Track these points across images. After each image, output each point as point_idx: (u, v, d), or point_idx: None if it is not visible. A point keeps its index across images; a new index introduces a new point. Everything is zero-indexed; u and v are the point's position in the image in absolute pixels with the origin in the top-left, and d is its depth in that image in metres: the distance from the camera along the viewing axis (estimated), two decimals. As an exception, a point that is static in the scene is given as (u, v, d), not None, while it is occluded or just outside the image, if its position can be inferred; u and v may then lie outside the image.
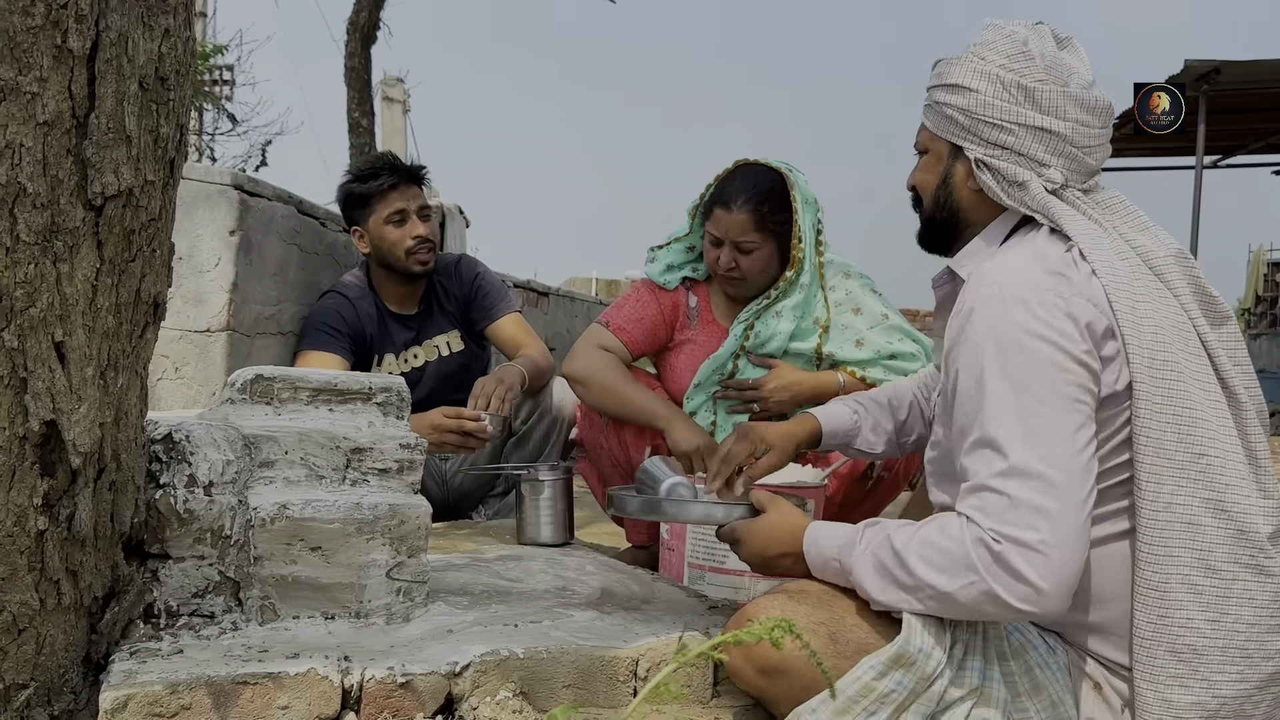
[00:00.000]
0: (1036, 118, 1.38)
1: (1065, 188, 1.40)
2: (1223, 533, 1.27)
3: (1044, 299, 1.27)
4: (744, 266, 2.31)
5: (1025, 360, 1.25)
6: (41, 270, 1.19)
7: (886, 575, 1.29)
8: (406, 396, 1.72)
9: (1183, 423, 1.28)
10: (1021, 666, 1.34)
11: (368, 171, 2.82)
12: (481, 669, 1.44)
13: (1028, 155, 1.39)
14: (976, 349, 1.29)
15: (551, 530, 2.35)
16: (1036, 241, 1.37)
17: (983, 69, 1.40)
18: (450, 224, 7.05)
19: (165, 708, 1.29)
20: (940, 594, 1.24)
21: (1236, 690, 1.27)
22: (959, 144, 1.44)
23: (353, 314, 2.81)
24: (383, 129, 10.43)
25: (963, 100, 1.41)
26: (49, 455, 1.25)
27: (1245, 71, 9.26)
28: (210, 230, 2.64)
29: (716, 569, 2.06)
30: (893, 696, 1.26)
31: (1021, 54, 1.39)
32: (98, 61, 1.20)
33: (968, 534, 1.23)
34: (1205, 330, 1.35)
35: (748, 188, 2.28)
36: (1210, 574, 1.27)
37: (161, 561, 1.49)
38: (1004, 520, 1.21)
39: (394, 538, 1.59)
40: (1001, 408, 1.25)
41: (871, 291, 2.43)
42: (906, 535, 1.28)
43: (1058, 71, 1.39)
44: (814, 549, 1.40)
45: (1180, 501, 1.27)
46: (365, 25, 7.42)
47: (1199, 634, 1.26)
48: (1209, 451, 1.28)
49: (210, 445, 1.52)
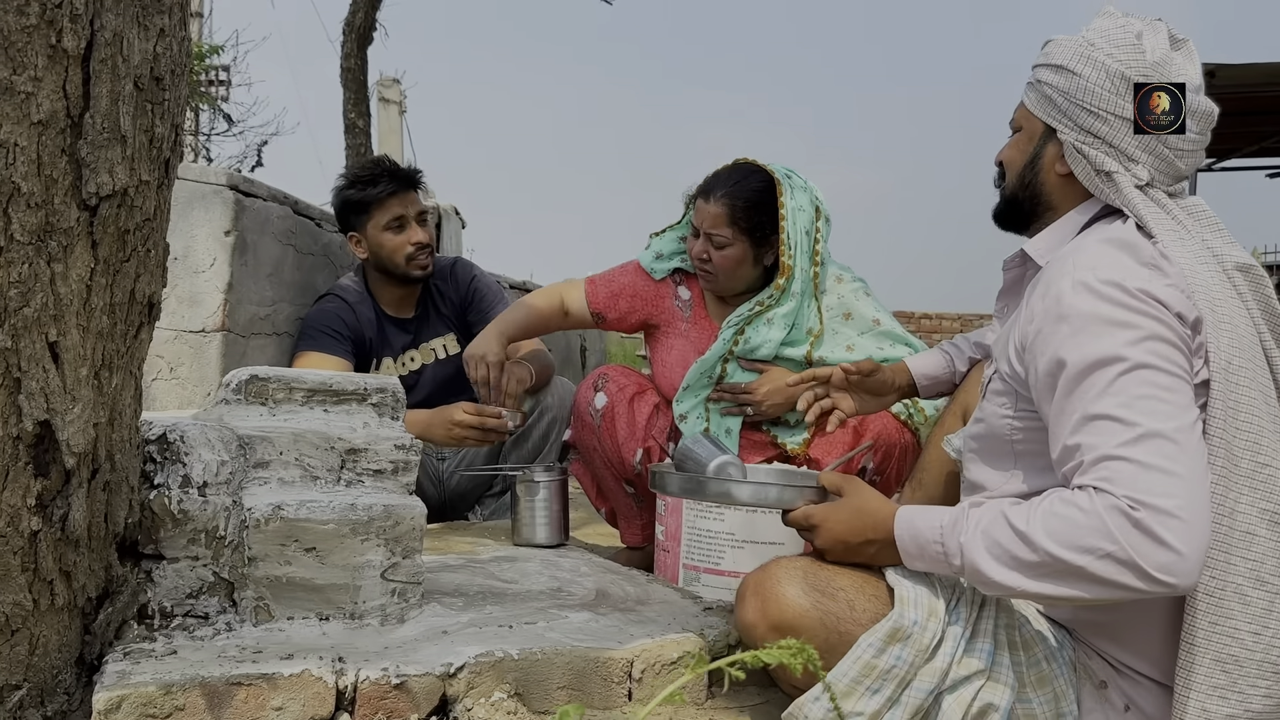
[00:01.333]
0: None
1: (1150, 186, 1.39)
2: (1275, 545, 1.26)
3: (1140, 284, 1.26)
4: (715, 261, 2.30)
5: (1130, 339, 1.23)
6: (36, 270, 1.19)
7: (1005, 555, 1.23)
8: (401, 397, 1.72)
9: (1251, 430, 1.27)
10: (1031, 658, 1.35)
11: (365, 177, 2.80)
12: (476, 670, 1.44)
13: (1118, 148, 1.38)
14: (1076, 332, 1.26)
15: (547, 531, 2.35)
16: (1122, 232, 1.35)
17: (1090, 54, 1.39)
18: (446, 225, 7.05)
19: (159, 709, 1.29)
20: (1072, 569, 1.19)
21: (1264, 705, 1.26)
22: (1053, 125, 1.43)
23: (353, 318, 2.81)
24: (379, 130, 10.42)
25: (1065, 82, 1.40)
26: (43, 455, 1.25)
27: (1240, 74, 9.28)
28: (205, 230, 2.64)
29: (712, 570, 2.06)
30: (894, 671, 1.29)
31: (1132, 45, 1.38)
32: (93, 61, 1.20)
33: (1099, 503, 1.18)
34: (1271, 347, 1.34)
35: (731, 183, 2.28)
36: (1260, 585, 1.25)
37: (155, 562, 1.49)
38: (1138, 487, 1.16)
39: (389, 539, 1.59)
40: (1114, 383, 1.22)
41: (864, 295, 2.42)
42: (1025, 511, 1.24)
43: (1166, 70, 1.37)
44: (908, 533, 1.34)
45: (1242, 510, 1.25)
46: (361, 26, 7.41)
47: (1242, 645, 1.25)
48: (1272, 463, 1.27)
49: (205, 446, 1.52)
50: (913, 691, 1.30)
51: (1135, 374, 1.22)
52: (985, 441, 1.47)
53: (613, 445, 2.40)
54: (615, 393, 2.40)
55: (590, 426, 2.42)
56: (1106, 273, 1.27)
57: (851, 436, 2.35)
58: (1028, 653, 1.35)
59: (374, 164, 2.88)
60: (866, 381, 1.93)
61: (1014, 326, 1.40)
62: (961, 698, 1.31)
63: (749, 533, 2.02)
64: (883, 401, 1.99)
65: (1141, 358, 1.23)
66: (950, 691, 1.31)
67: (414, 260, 2.80)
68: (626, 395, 2.40)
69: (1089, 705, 1.34)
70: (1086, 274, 1.28)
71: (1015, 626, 1.36)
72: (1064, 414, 1.26)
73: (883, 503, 1.41)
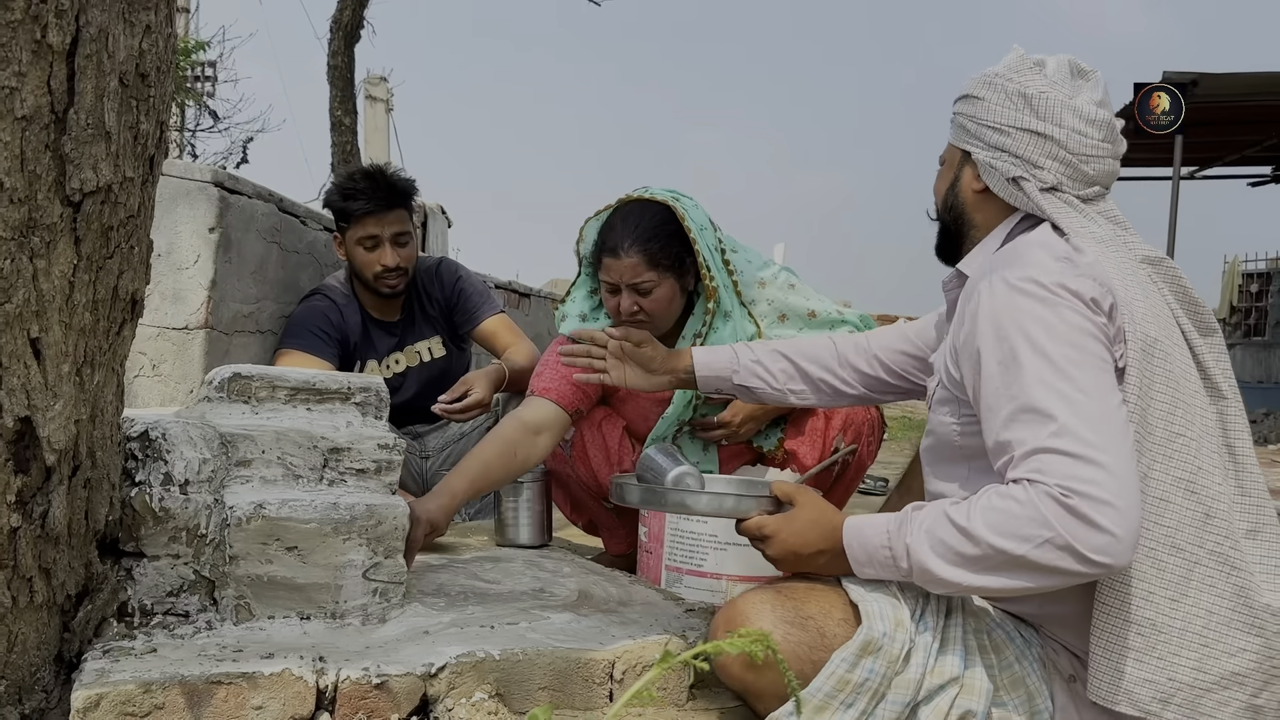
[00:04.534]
0: (1033, 122, 1.45)
1: (1058, 190, 1.46)
2: (1190, 514, 1.31)
3: (1055, 279, 1.32)
4: (647, 308, 2.16)
5: (1050, 331, 1.29)
6: (18, 266, 1.19)
7: (949, 552, 1.27)
8: (385, 397, 1.72)
9: (1166, 401, 1.33)
10: (1003, 661, 1.37)
11: (349, 190, 2.76)
12: (457, 670, 1.44)
13: (1023, 157, 1.46)
14: (998, 332, 1.32)
15: (530, 532, 2.35)
16: (1037, 235, 1.43)
17: (993, 81, 1.49)
18: (432, 224, 7.04)
19: (138, 707, 1.28)
20: (1013, 559, 1.23)
21: (1193, 679, 1.29)
22: (967, 148, 1.52)
23: (339, 318, 2.80)
24: (365, 128, 10.39)
25: (972, 108, 1.50)
26: (23, 452, 1.24)
27: (1222, 84, 9.36)
28: (190, 227, 2.63)
29: (694, 572, 2.06)
30: (867, 684, 1.30)
31: (1030, 68, 1.48)
32: (77, 57, 1.19)
33: (1033, 492, 1.22)
34: (1188, 327, 1.41)
35: (631, 228, 2.14)
36: (1175, 552, 1.30)
37: (136, 560, 1.48)
38: (1068, 475, 1.21)
39: (371, 538, 1.58)
40: (1038, 377, 1.27)
41: (790, 288, 2.35)
42: (964, 508, 1.28)
43: (1064, 87, 1.46)
44: (857, 541, 1.38)
45: (1156, 476, 1.31)
46: (349, 23, 7.39)
47: (1158, 610, 1.29)
48: (1186, 433, 1.32)
49: (187, 443, 1.52)
50: (888, 705, 1.31)
51: (1056, 365, 1.27)
52: (937, 452, 1.52)
53: (587, 471, 2.36)
54: (581, 422, 2.33)
55: (560, 457, 2.38)
56: (1023, 270, 1.34)
57: (823, 423, 2.35)
58: (999, 656, 1.37)
59: (363, 176, 2.81)
60: (637, 353, 1.97)
61: (951, 334, 1.46)
62: (938, 707, 1.32)
63: (732, 534, 2.02)
64: (652, 380, 1.98)
65: (1062, 350, 1.28)
66: (926, 703, 1.33)
67: (382, 280, 2.78)
68: (595, 421, 2.36)
69: (1061, 701, 1.37)
70: (1005, 273, 1.35)
71: (985, 631, 1.38)
72: (993, 411, 1.31)
73: (833, 514, 1.44)
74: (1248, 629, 1.30)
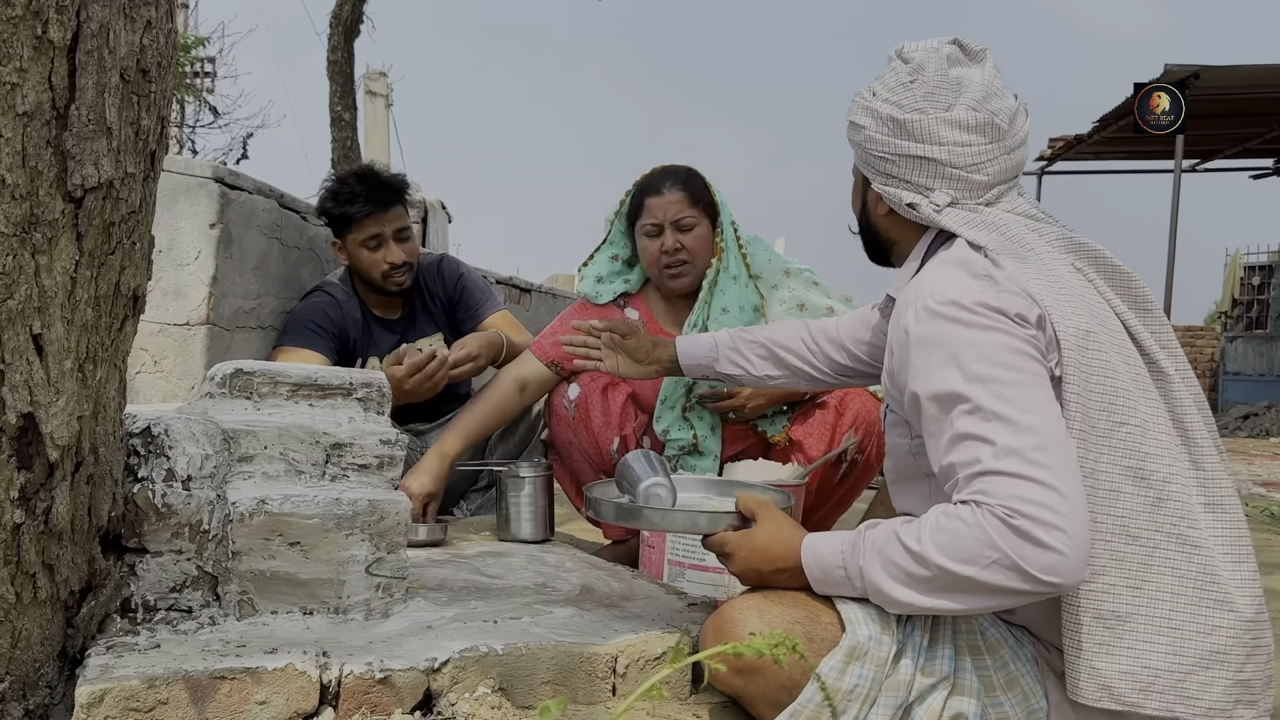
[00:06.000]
0: (911, 147, 1.44)
1: (955, 205, 1.45)
2: (1141, 500, 1.30)
3: (976, 299, 1.31)
4: (689, 246, 2.38)
5: (979, 353, 1.28)
6: (20, 262, 1.19)
7: (900, 573, 1.28)
8: (387, 392, 1.72)
9: (1106, 393, 1.31)
10: (997, 661, 1.36)
11: (344, 195, 2.75)
12: (460, 665, 1.44)
13: (912, 182, 1.46)
14: (927, 362, 1.32)
15: (532, 527, 2.35)
16: (954, 252, 1.41)
17: (869, 105, 1.48)
18: (432, 219, 7.04)
19: (142, 703, 1.28)
20: (963, 580, 1.23)
21: (1170, 664, 1.28)
22: (864, 174, 1.54)
23: (339, 314, 2.80)
24: (365, 123, 10.39)
25: (857, 136, 1.51)
26: (26, 448, 1.24)
27: (1224, 76, 9.35)
28: (190, 223, 2.62)
29: (696, 566, 2.07)
30: (858, 690, 1.30)
31: (903, 85, 1.46)
32: (78, 53, 1.19)
33: (979, 514, 1.22)
34: (1125, 313, 1.40)
35: (672, 174, 2.42)
36: (1132, 541, 1.29)
37: (139, 556, 1.49)
38: (1012, 495, 1.21)
39: (373, 533, 1.59)
40: (974, 403, 1.27)
41: (813, 284, 2.50)
42: (914, 529, 1.28)
43: (940, 97, 1.44)
44: (814, 560, 1.39)
45: (1103, 469, 1.30)
46: (348, 19, 7.39)
47: (1120, 600, 1.28)
48: (1130, 421, 1.31)
49: (189, 439, 1.52)
50: (880, 708, 1.30)
51: (990, 387, 1.27)
52: (899, 472, 1.53)
53: (589, 436, 2.41)
54: (588, 383, 2.42)
55: (565, 419, 2.44)
56: (943, 293, 1.33)
57: (833, 416, 2.37)
58: (993, 656, 1.36)
59: (355, 177, 2.80)
60: (624, 343, 2.17)
61: (885, 361, 1.46)
62: (931, 708, 1.32)
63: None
64: (640, 369, 2.17)
65: (993, 371, 1.27)
66: (919, 703, 1.32)
67: (390, 278, 2.78)
68: (600, 385, 2.43)
69: (1056, 699, 1.36)
70: (926, 299, 1.34)
71: (976, 632, 1.37)
72: (935, 437, 1.31)
73: (792, 530, 1.44)
74: (1217, 605, 1.29)
